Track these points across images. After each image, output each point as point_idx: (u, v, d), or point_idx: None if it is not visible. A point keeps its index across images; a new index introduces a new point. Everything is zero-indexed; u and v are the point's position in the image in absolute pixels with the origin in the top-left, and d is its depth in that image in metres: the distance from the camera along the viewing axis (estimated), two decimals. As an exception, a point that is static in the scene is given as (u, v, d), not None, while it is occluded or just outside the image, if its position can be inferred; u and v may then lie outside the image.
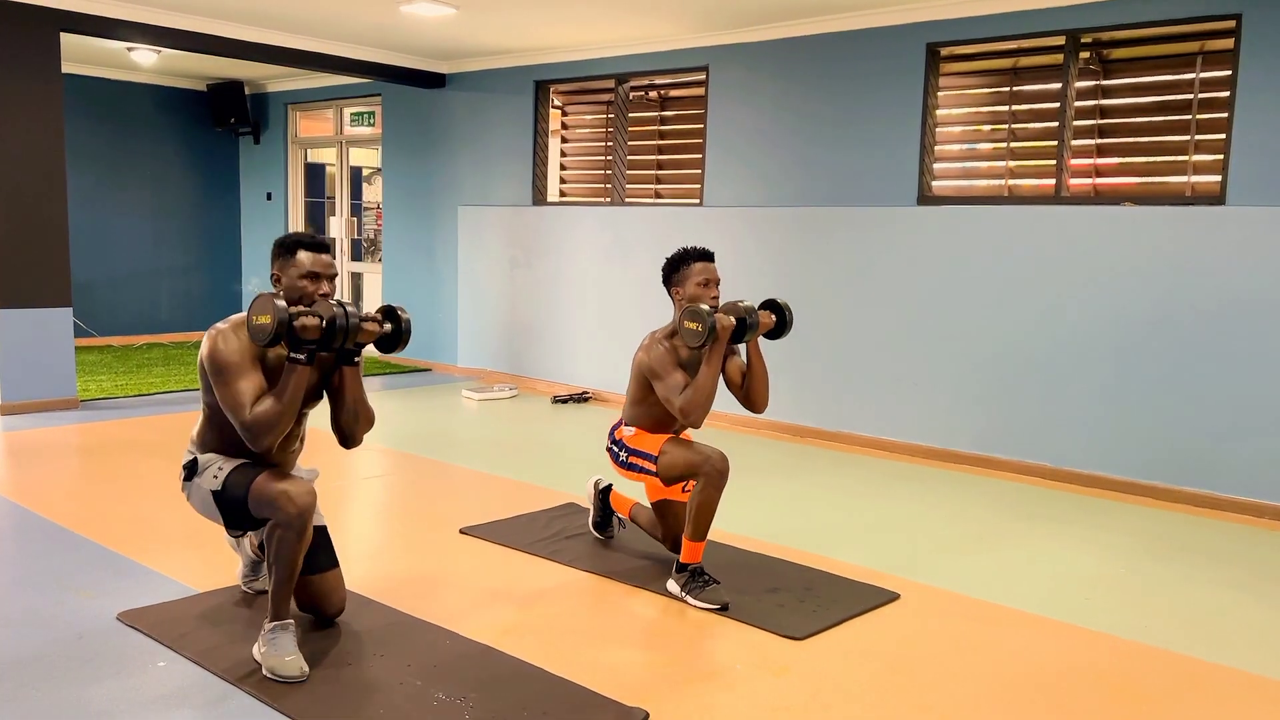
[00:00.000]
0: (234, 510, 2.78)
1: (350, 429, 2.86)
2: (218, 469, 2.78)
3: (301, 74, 9.10)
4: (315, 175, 10.67)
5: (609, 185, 7.43)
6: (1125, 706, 2.75)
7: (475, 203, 8.12)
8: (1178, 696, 2.83)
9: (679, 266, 3.43)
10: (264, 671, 2.69)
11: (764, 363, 3.48)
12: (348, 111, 9.39)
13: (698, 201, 6.83)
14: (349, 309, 2.64)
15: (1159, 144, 5.16)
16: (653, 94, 7.24)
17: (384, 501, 4.68)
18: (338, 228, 9.44)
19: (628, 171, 7.33)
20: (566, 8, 6.02)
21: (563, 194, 7.82)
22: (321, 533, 2.97)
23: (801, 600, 3.41)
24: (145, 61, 8.43)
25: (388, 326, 2.79)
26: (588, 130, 7.68)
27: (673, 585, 3.44)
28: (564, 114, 7.78)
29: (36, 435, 5.64)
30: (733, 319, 3.27)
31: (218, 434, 2.81)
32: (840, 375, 6.07)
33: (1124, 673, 2.96)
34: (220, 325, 2.72)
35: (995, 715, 2.66)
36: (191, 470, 2.83)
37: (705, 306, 3.25)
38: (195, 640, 2.92)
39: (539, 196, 7.76)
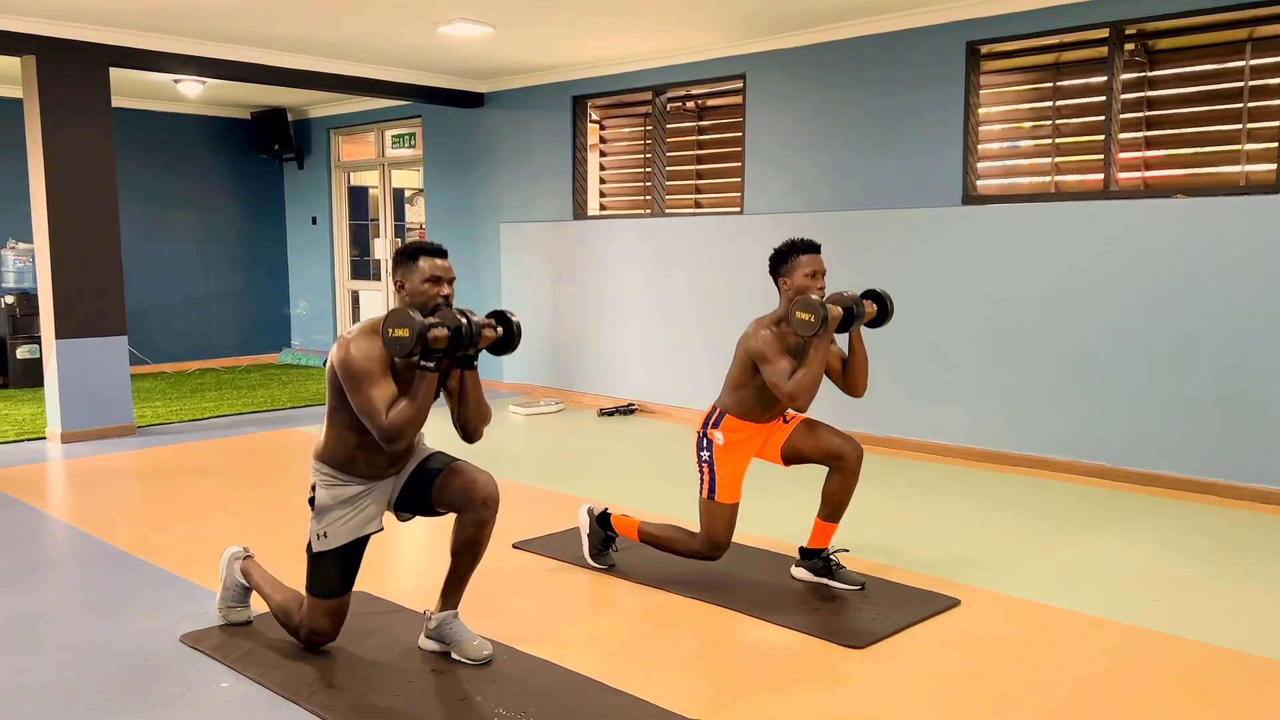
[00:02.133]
0: (310, 572, 2.97)
1: (472, 425, 2.98)
2: (323, 533, 2.92)
3: (343, 99, 9.23)
4: (358, 198, 10.80)
5: (649, 197, 7.44)
6: (1198, 710, 2.68)
7: (517, 219, 8.16)
8: (1252, 697, 2.75)
9: (787, 258, 3.49)
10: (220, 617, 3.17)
11: (865, 349, 3.55)
12: (389, 134, 9.51)
13: (738, 210, 6.82)
14: (471, 318, 2.76)
15: (1210, 134, 5.05)
16: (690, 104, 7.25)
17: (438, 520, 4.69)
18: (382, 249, 9.54)
19: (667, 182, 7.34)
20: (602, 21, 6.04)
21: (603, 207, 7.84)
22: (439, 452, 3.07)
23: (860, 608, 3.37)
24: (191, 93, 8.60)
25: (500, 330, 2.90)
26: (626, 143, 7.70)
27: (583, 514, 3.86)
28: (602, 128, 7.81)
29: (96, 462, 5.75)
30: (840, 309, 3.36)
31: (339, 441, 2.92)
32: (889, 379, 6.01)
33: (1196, 675, 2.89)
34: (349, 333, 2.84)
35: (1064, 721, 2.61)
36: (313, 502, 2.97)
37: (816, 297, 3.32)
38: (258, 660, 2.95)
39: (579, 211, 7.79)
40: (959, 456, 5.71)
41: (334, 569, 2.91)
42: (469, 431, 3.00)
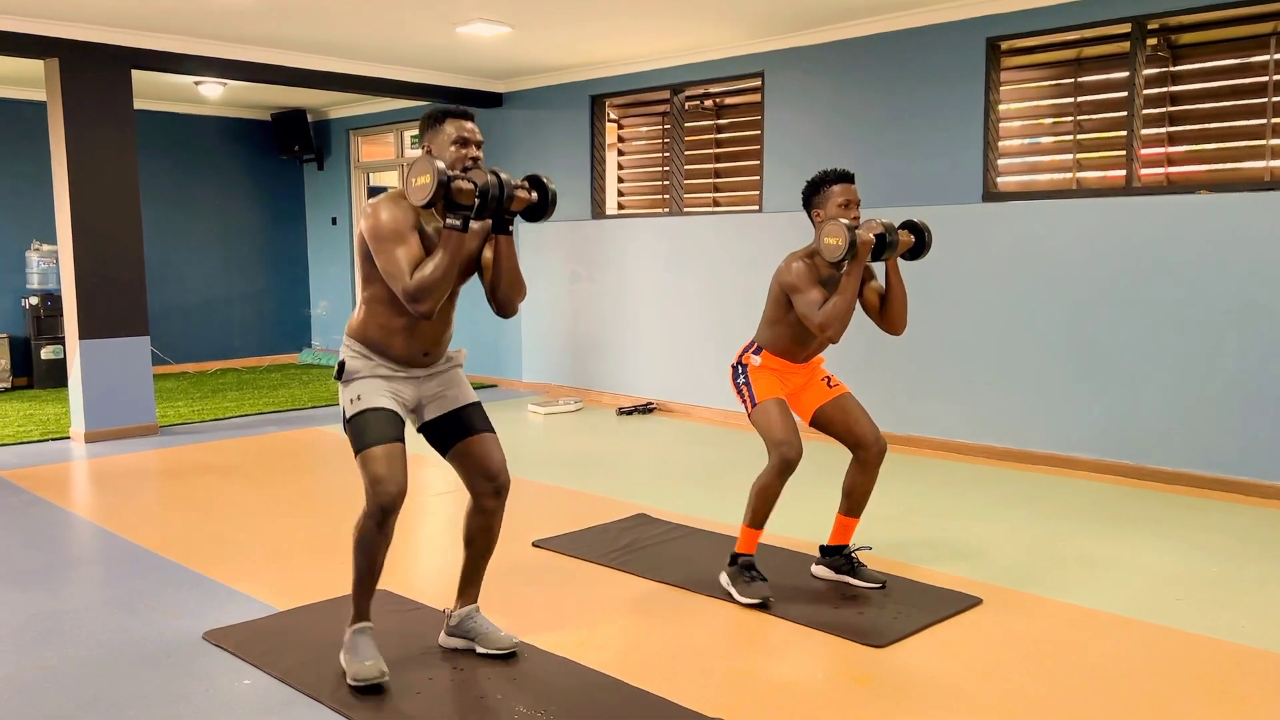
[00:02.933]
0: (355, 447, 2.81)
1: (508, 297, 2.87)
2: (356, 395, 2.81)
3: (362, 100, 9.26)
4: (377, 198, 10.83)
5: (667, 196, 7.43)
6: (1224, 709, 2.65)
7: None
8: (1278, 696, 2.72)
9: (820, 188, 3.45)
10: (348, 679, 2.73)
11: (903, 282, 3.48)
12: (408, 134, 9.54)
13: (757, 208, 6.80)
14: (503, 176, 2.67)
15: (1234, 129, 5.00)
16: (708, 103, 7.23)
17: (456, 516, 4.71)
18: (401, 249, 9.56)
19: (685, 181, 7.33)
20: (620, 21, 6.04)
21: (621, 206, 7.84)
22: (477, 405, 2.98)
23: (882, 607, 3.36)
24: (212, 94, 8.65)
25: (534, 195, 2.79)
26: (644, 142, 7.70)
27: (723, 578, 3.48)
28: (620, 127, 7.81)
29: (119, 461, 5.79)
30: (872, 236, 3.29)
31: (372, 322, 2.83)
32: (910, 378, 5.98)
33: (1221, 674, 2.86)
34: (376, 199, 2.78)
35: (1090, 719, 2.59)
36: (341, 372, 2.87)
37: (846, 222, 3.26)
38: (280, 658, 2.96)
39: (598, 210, 7.79)
40: (981, 455, 5.68)
41: (376, 422, 2.76)
42: (502, 304, 2.88)
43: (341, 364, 2.85)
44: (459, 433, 2.90)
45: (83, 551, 4.16)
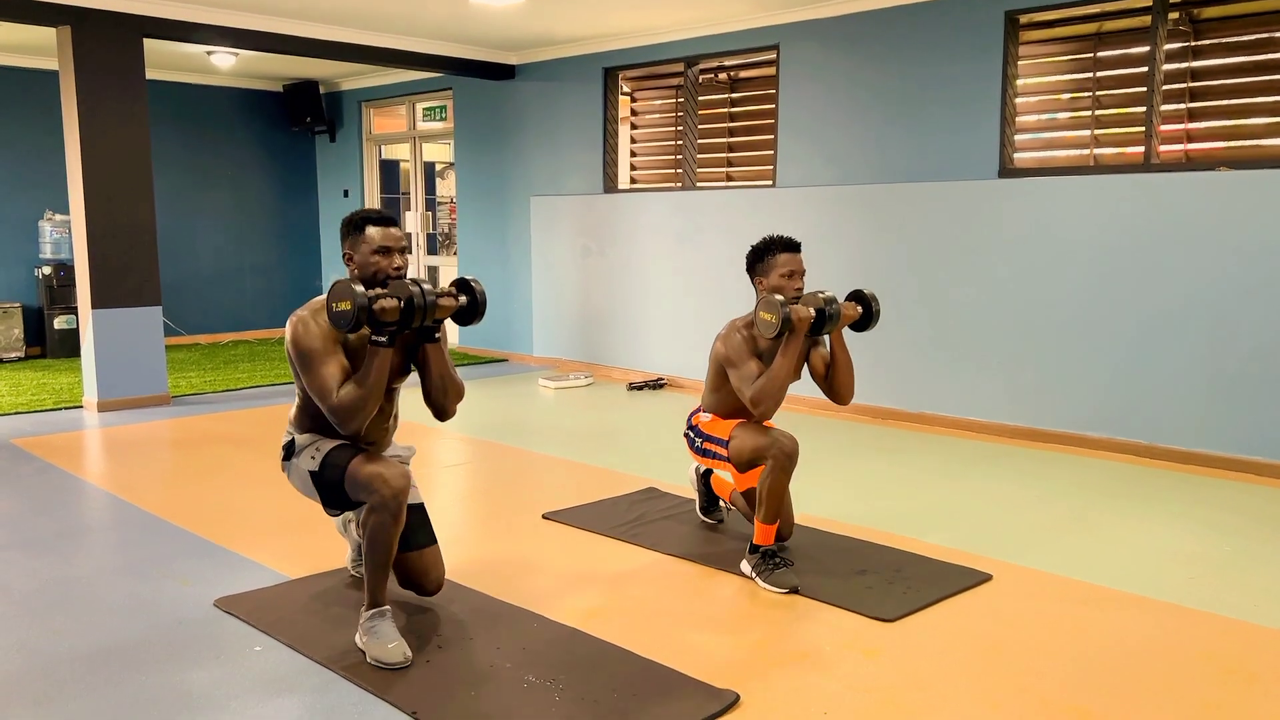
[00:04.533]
0: (331, 491, 2.81)
1: (441, 403, 2.87)
2: (315, 450, 2.82)
3: (374, 71, 9.23)
4: (390, 171, 10.83)
5: (680, 170, 7.39)
6: (1236, 687, 2.64)
7: (547, 193, 8.15)
8: (1293, 678, 2.71)
9: (763, 256, 3.37)
10: (368, 659, 2.72)
11: (848, 354, 3.42)
12: (420, 107, 9.50)
13: (770, 183, 6.76)
14: (425, 286, 2.63)
15: (1255, 105, 4.94)
16: (722, 76, 7.18)
17: (467, 488, 4.72)
18: (413, 222, 9.56)
19: (698, 155, 7.28)
20: (634, -8, 5.98)
21: (634, 180, 7.80)
22: (419, 511, 2.99)
23: (891, 582, 3.35)
24: (224, 64, 8.62)
25: (463, 299, 2.78)
26: (658, 115, 7.65)
27: (745, 566, 3.44)
28: (633, 100, 7.76)
29: (132, 430, 5.82)
30: (811, 311, 3.21)
31: (313, 416, 2.85)
32: (922, 355, 5.95)
33: (1232, 652, 2.85)
34: (301, 312, 2.73)
35: (1098, 697, 2.58)
36: (290, 450, 2.88)
37: (780, 298, 3.19)
38: (291, 626, 2.97)
39: (610, 184, 7.75)
40: (993, 433, 5.65)
41: (341, 450, 2.77)
42: (438, 409, 2.87)
43: (290, 443, 2.85)
44: (400, 544, 2.88)
45: (95, 519, 4.18)
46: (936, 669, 2.74)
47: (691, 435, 3.61)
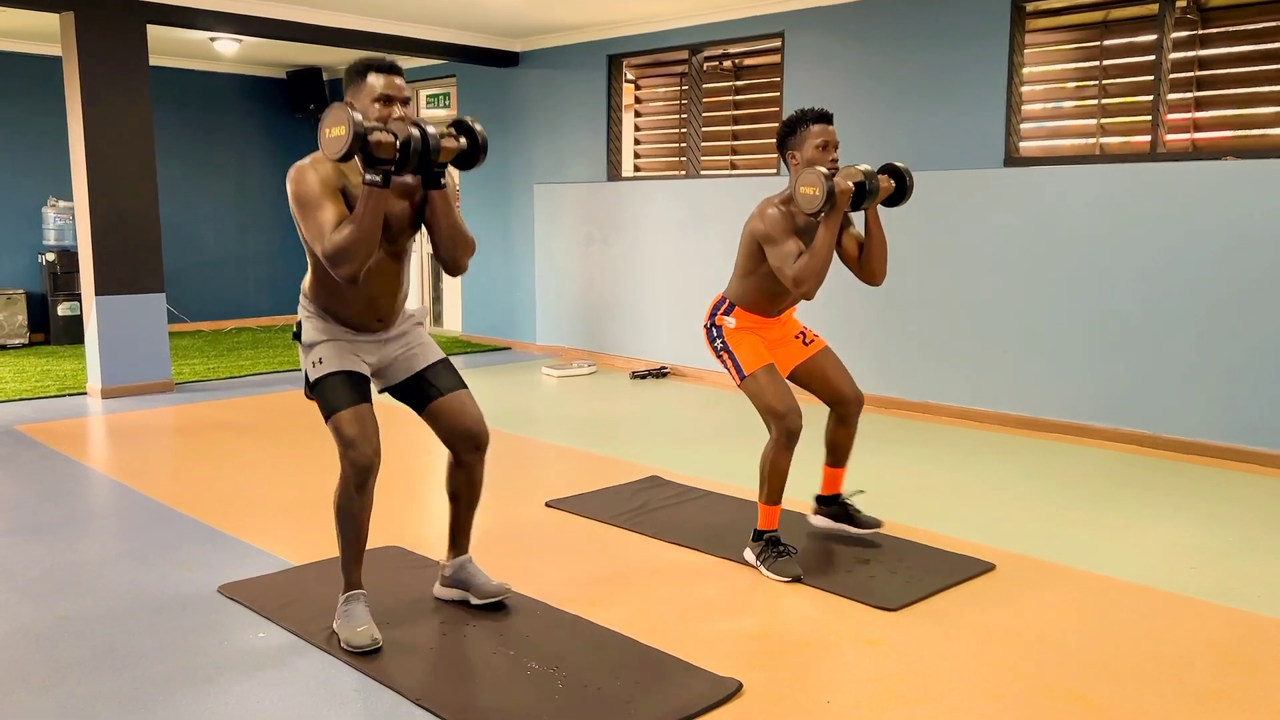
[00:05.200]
0: (323, 410, 2.75)
1: (451, 256, 2.75)
2: (318, 359, 2.74)
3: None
4: (393, 159, 10.79)
5: (684, 158, 7.37)
6: (1239, 677, 2.64)
7: (551, 180, 8.13)
8: (1295, 668, 2.71)
9: (796, 128, 3.23)
10: (341, 644, 2.74)
11: (883, 231, 3.31)
12: (423, 94, 9.48)
13: (774, 172, 6.74)
14: (425, 127, 2.50)
15: (1263, 94, 4.91)
16: (727, 63, 7.15)
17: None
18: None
19: (703, 143, 7.26)
20: (639, -22, 5.95)
21: (638, 168, 7.78)
22: (442, 363, 2.91)
23: (894, 571, 3.35)
24: (227, 51, 8.60)
25: (463, 141, 2.63)
26: (662, 103, 7.62)
27: (748, 554, 3.43)
28: (637, 88, 7.74)
29: (135, 417, 5.83)
30: (851, 184, 3.10)
31: (316, 279, 2.76)
32: (926, 344, 5.94)
33: (1236, 642, 2.85)
34: (301, 162, 2.65)
35: (1100, 685, 2.58)
36: (298, 334, 2.81)
37: (823, 169, 3.08)
38: (293, 612, 2.98)
39: (614, 172, 7.73)
40: (997, 423, 5.65)
41: (339, 385, 2.71)
42: (448, 264, 2.76)
43: (299, 325, 2.79)
44: (429, 395, 2.85)
45: (99, 505, 4.19)
46: (939, 658, 2.74)
47: (712, 331, 3.45)
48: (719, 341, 3.42)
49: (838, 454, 3.57)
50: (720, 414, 5.99)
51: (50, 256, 8.49)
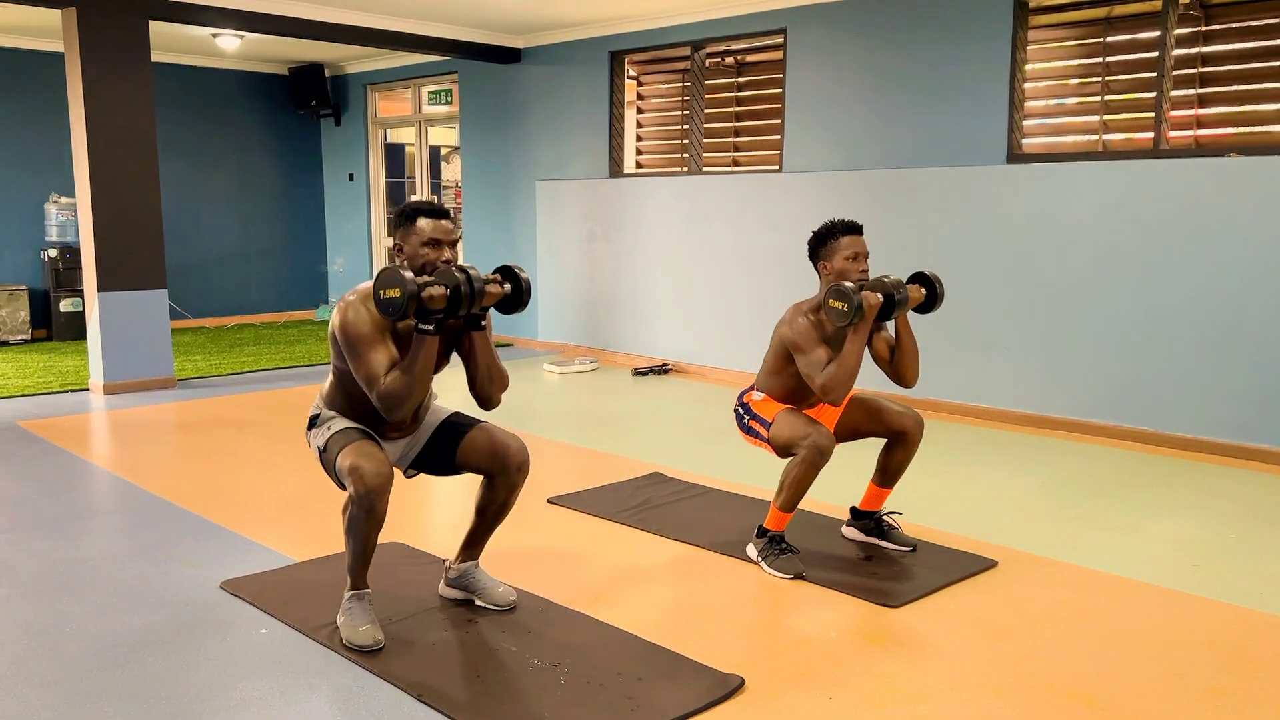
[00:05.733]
0: (331, 471, 2.81)
1: (486, 392, 2.82)
2: (328, 429, 2.81)
3: (380, 54, 9.20)
4: (395, 155, 10.81)
5: (686, 155, 7.36)
6: (1241, 674, 2.64)
7: (552, 177, 8.12)
8: (1298, 665, 2.70)
9: (826, 240, 3.32)
10: (343, 641, 2.74)
11: (913, 338, 3.38)
12: (425, 90, 9.47)
13: (777, 168, 6.73)
14: (472, 274, 2.59)
15: (1265, 91, 4.90)
16: (729, 60, 7.14)
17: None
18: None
19: (705, 140, 7.26)
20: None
21: (639, 165, 7.78)
22: (456, 413, 2.96)
23: (896, 568, 3.35)
24: (229, 47, 8.60)
25: (507, 287, 2.75)
26: (663, 100, 7.62)
27: (751, 550, 3.44)
28: (639, 84, 7.73)
29: (137, 413, 5.83)
30: (880, 296, 3.18)
31: (344, 397, 2.82)
32: (928, 341, 5.92)
33: (1237, 639, 2.85)
34: (349, 297, 2.71)
35: (1102, 682, 2.58)
36: (314, 423, 2.87)
37: (851, 284, 3.15)
38: (296, 608, 2.98)
39: (616, 168, 7.73)
40: (999, 419, 5.65)
41: (348, 433, 2.75)
42: (483, 399, 2.84)
43: (315, 416, 2.83)
44: (454, 439, 2.87)
45: (101, 501, 4.20)
46: (941, 655, 2.74)
47: (740, 412, 3.53)
48: (748, 415, 3.47)
49: (889, 475, 3.51)
50: (722, 411, 5.99)
51: (52, 252, 8.50)
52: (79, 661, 2.67)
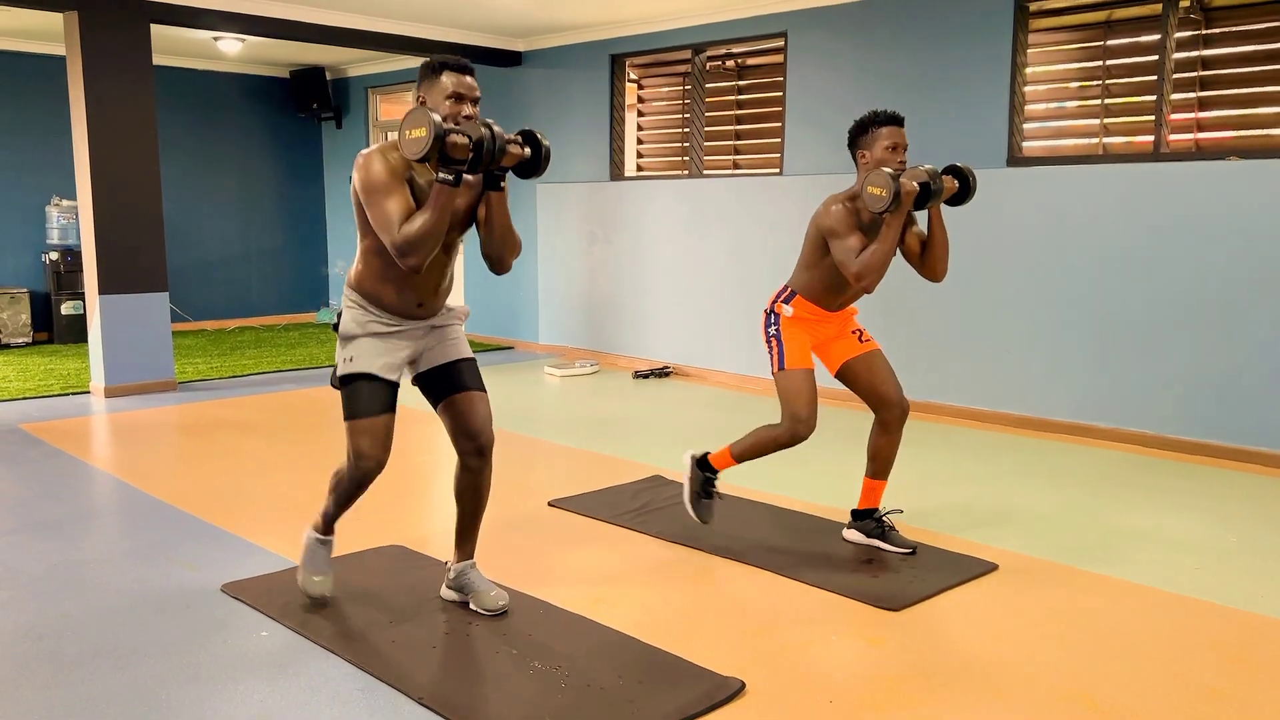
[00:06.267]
0: (344, 401, 2.86)
1: (499, 255, 2.84)
2: (350, 357, 2.83)
3: (381, 58, 9.20)
4: (396, 158, 10.79)
5: (686, 158, 7.37)
6: (1241, 678, 2.64)
7: (553, 180, 8.13)
8: (1299, 668, 2.70)
9: (867, 129, 3.34)
10: (298, 578, 3.00)
11: (945, 229, 3.41)
12: (426, 93, 9.46)
13: (777, 171, 6.74)
14: (496, 130, 2.61)
15: (1265, 94, 4.91)
16: (729, 63, 7.15)
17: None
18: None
19: (705, 143, 7.26)
20: (642, -22, 5.95)
21: (640, 168, 7.79)
22: (471, 361, 2.98)
23: (897, 572, 3.35)
24: (231, 50, 8.61)
25: (528, 150, 2.75)
26: (664, 103, 7.63)
27: (685, 465, 3.67)
28: (640, 87, 7.74)
29: (138, 416, 5.83)
30: (916, 184, 3.21)
31: (366, 267, 2.85)
32: (928, 344, 5.94)
33: (1238, 642, 2.85)
34: (368, 150, 2.75)
35: (1103, 686, 2.58)
36: (338, 324, 2.90)
37: (890, 170, 3.18)
38: (297, 610, 2.98)
39: (616, 171, 7.74)
40: (1000, 423, 5.65)
41: (367, 391, 2.81)
42: (495, 261, 2.85)
43: (339, 316, 2.89)
44: (448, 388, 2.92)
45: (102, 503, 4.20)
46: (942, 658, 2.74)
47: (770, 318, 3.53)
48: (773, 327, 3.49)
49: (879, 464, 3.54)
50: (723, 414, 5.99)
51: (54, 255, 8.50)
52: (80, 664, 2.67)
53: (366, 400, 2.80)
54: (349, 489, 2.90)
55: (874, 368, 3.49)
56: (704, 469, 3.64)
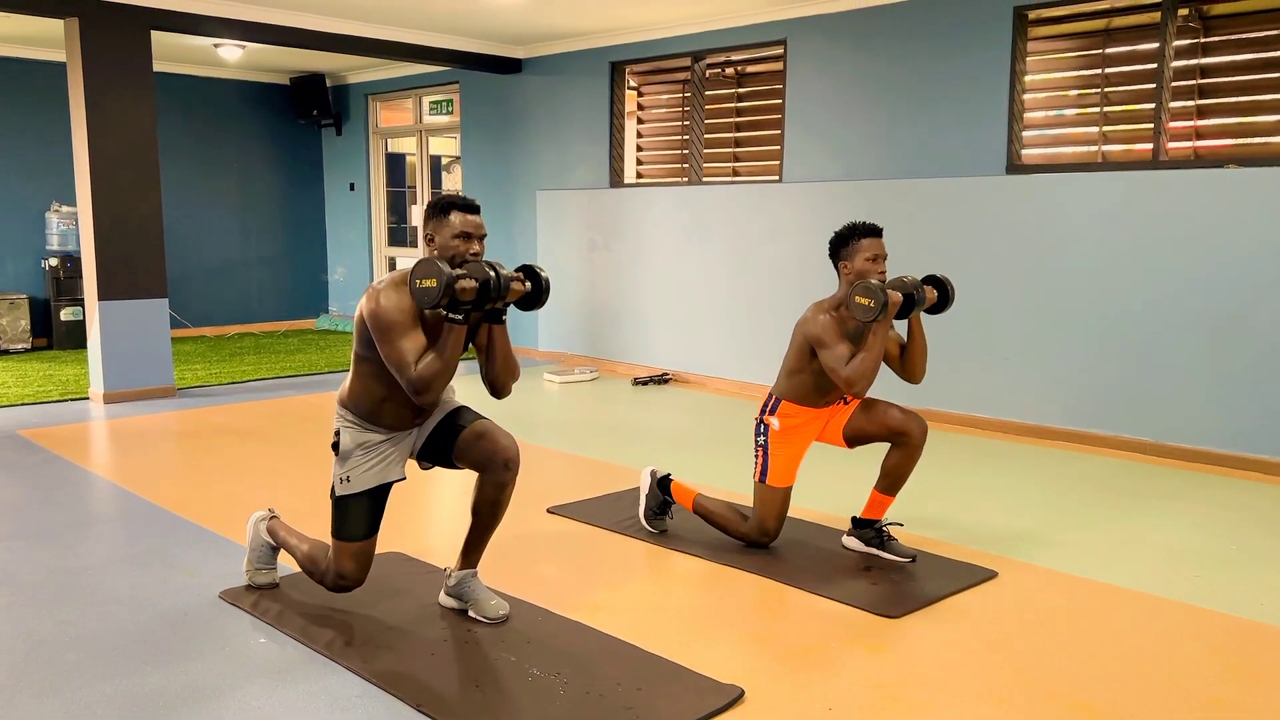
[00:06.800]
0: (334, 517, 2.95)
1: (500, 381, 2.95)
2: (345, 477, 2.91)
3: (381, 64, 9.22)
4: (396, 165, 10.82)
5: (686, 165, 7.38)
6: (1240, 686, 2.63)
7: (553, 186, 8.14)
8: (1298, 676, 2.70)
9: (847, 241, 3.45)
10: (245, 569, 3.24)
11: (924, 336, 3.54)
12: (426, 100, 9.50)
13: (777, 178, 6.75)
14: (500, 270, 2.72)
15: (1265, 102, 4.92)
16: (729, 70, 7.16)
17: (472, 482, 4.71)
18: (419, 217, 9.56)
19: (705, 150, 7.27)
20: (642, -14, 5.97)
21: (640, 175, 7.80)
22: (464, 407, 3.05)
23: (897, 578, 3.35)
24: (231, 57, 8.63)
25: (529, 285, 2.86)
26: (664, 110, 7.64)
27: (644, 482, 3.81)
28: (640, 94, 7.75)
29: (137, 422, 5.83)
30: (900, 295, 3.32)
31: (364, 390, 2.90)
32: (931, 352, 5.92)
33: (1238, 650, 2.84)
34: (379, 284, 2.80)
35: (1103, 694, 2.58)
36: (337, 446, 2.95)
37: (876, 282, 3.29)
38: (295, 618, 2.98)
39: (616, 178, 7.74)
40: (999, 430, 5.64)
41: (358, 512, 2.91)
42: (497, 387, 2.97)
43: (336, 441, 2.94)
44: (453, 432, 2.96)
45: (101, 510, 4.19)
46: (941, 666, 2.74)
47: (759, 428, 3.61)
48: (762, 437, 3.60)
49: (891, 481, 3.56)
50: (722, 420, 5.99)
51: (53, 261, 8.51)
52: (77, 670, 2.66)
53: (354, 523, 2.92)
54: (319, 583, 3.05)
55: (870, 410, 3.55)
56: (664, 491, 3.79)
